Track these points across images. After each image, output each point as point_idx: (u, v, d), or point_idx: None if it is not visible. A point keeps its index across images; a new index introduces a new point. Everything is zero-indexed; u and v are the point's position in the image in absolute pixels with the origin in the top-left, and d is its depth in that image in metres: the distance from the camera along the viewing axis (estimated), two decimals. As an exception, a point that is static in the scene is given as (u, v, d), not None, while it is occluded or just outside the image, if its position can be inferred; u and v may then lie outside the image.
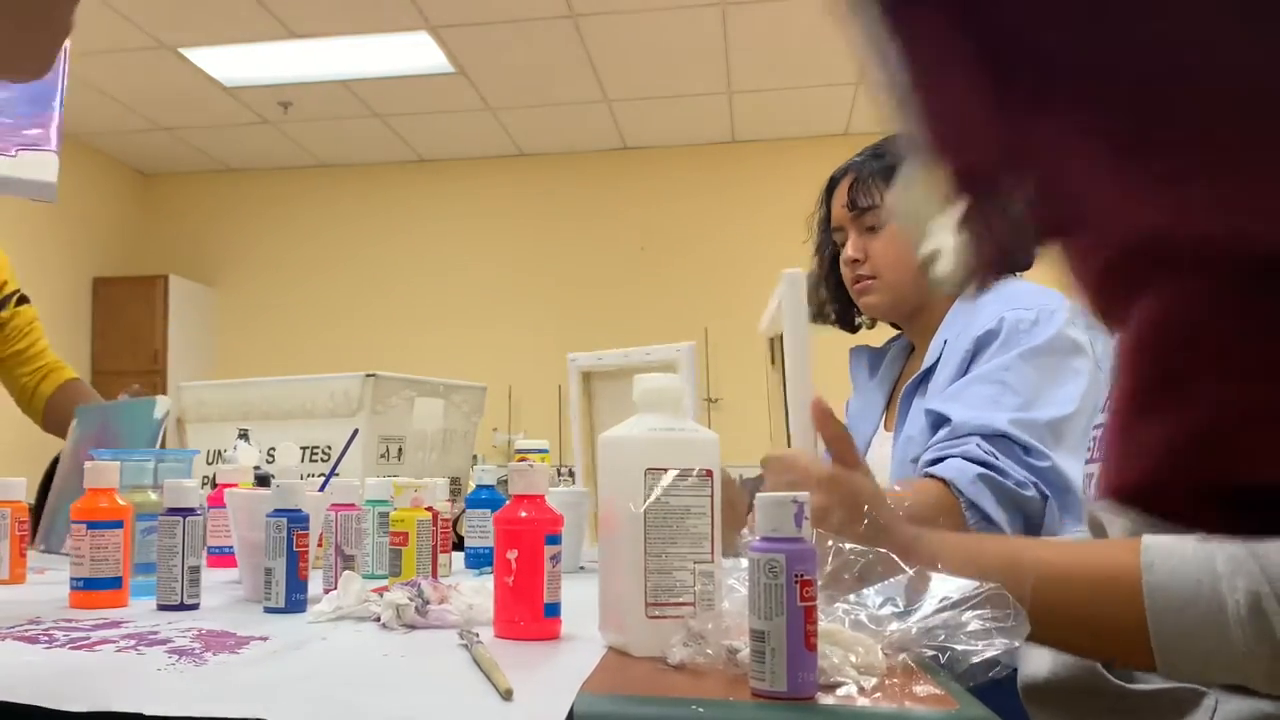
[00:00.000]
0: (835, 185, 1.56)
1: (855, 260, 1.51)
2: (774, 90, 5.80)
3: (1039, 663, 0.96)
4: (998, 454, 1.24)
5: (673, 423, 0.83)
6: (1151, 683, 0.87)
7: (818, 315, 1.65)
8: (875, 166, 1.49)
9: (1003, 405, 1.27)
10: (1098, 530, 1.01)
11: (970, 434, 1.26)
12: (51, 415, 2.03)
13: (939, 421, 1.31)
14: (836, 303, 1.61)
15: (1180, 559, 0.77)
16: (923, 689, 0.67)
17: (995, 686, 0.70)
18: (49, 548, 1.64)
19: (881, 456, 1.46)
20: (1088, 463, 1.03)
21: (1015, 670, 0.99)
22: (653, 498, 0.79)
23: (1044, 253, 1.41)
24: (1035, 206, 0.47)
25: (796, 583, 0.64)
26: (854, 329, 1.64)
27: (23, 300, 2.06)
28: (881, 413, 1.57)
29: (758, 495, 0.68)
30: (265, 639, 0.88)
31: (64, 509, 1.67)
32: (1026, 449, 1.25)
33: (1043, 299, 1.36)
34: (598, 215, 6.69)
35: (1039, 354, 1.30)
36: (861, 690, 0.67)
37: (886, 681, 0.68)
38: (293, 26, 4.93)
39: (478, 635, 0.84)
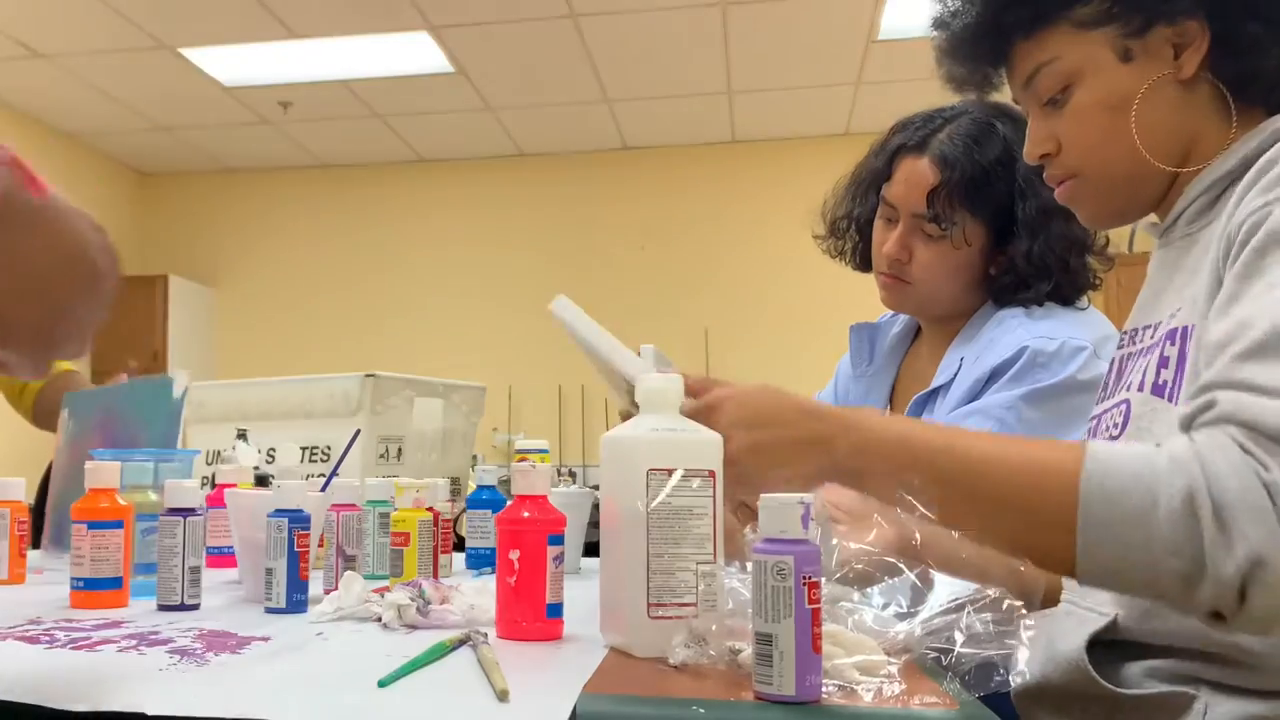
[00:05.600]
0: (905, 153, 1.38)
1: (896, 259, 1.39)
2: (774, 90, 5.80)
3: (1032, 666, 0.96)
4: None
5: (674, 423, 0.83)
6: (1144, 688, 0.87)
7: (830, 248, 1.54)
8: (966, 182, 1.33)
9: None
10: None
11: None
12: (41, 409, 1.98)
13: None
14: (857, 253, 1.50)
15: (1125, 457, 0.75)
16: (924, 690, 0.67)
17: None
18: (57, 548, 1.61)
19: None
20: None
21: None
22: (660, 498, 0.79)
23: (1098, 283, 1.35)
24: None
25: (804, 585, 0.64)
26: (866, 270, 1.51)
27: None
28: (885, 404, 1.50)
29: (763, 497, 0.67)
30: (266, 639, 0.88)
31: (68, 509, 1.64)
32: None
33: (1073, 330, 1.27)
34: (598, 215, 6.68)
35: (1047, 396, 1.23)
36: (864, 691, 0.67)
37: (888, 683, 0.68)
38: (293, 26, 4.93)
39: (484, 635, 0.84)
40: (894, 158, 1.41)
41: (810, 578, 0.64)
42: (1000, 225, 1.36)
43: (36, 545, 1.63)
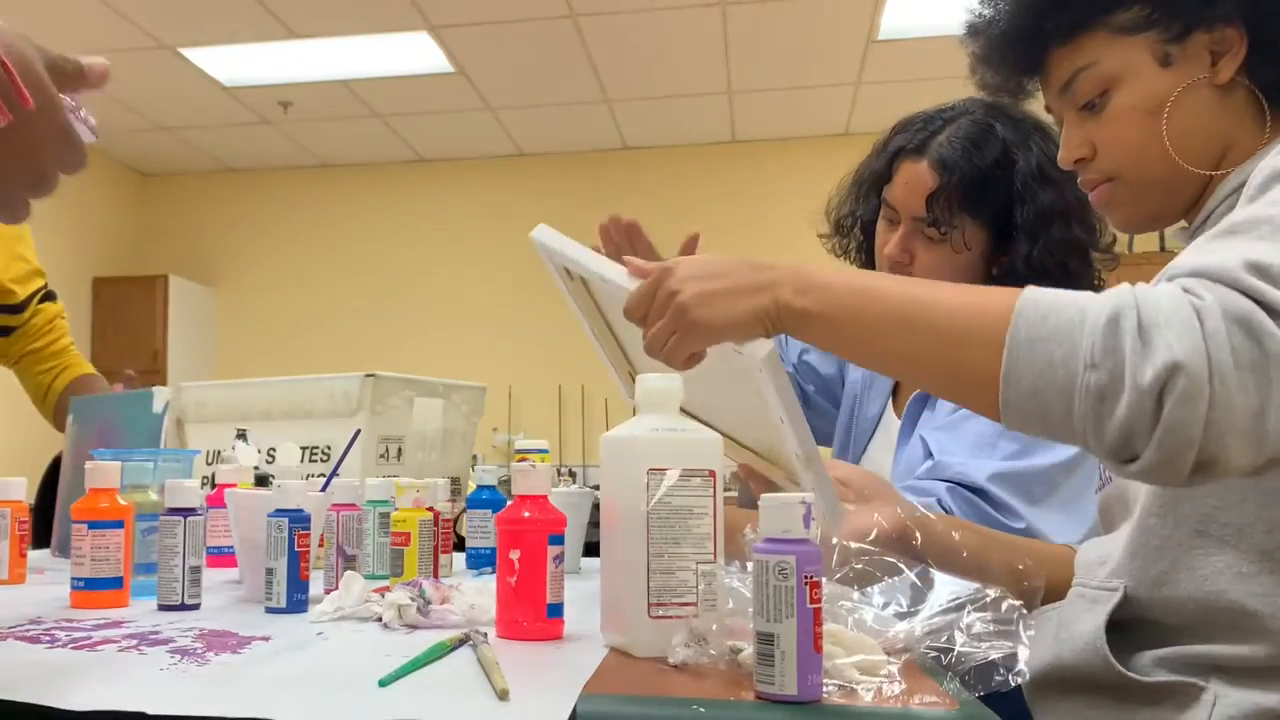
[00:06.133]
0: (905, 155, 1.38)
1: (898, 261, 1.38)
2: (774, 90, 5.80)
3: (1042, 652, 0.96)
4: (955, 511, 1.17)
5: (675, 423, 0.83)
6: (1154, 676, 0.87)
7: (836, 247, 1.54)
8: (965, 186, 1.33)
9: (996, 450, 1.21)
10: (1109, 515, 1.01)
11: (946, 480, 1.20)
12: (60, 412, 2.01)
13: (929, 452, 1.26)
14: (862, 252, 1.51)
15: (1066, 291, 0.75)
16: (925, 690, 0.67)
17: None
18: (65, 553, 1.62)
19: (888, 439, 1.43)
20: None
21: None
22: (657, 497, 0.79)
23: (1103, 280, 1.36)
24: None
25: (806, 584, 0.64)
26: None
27: (47, 298, 2.04)
28: (890, 389, 1.50)
29: (764, 496, 0.67)
30: (267, 639, 0.88)
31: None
32: (999, 506, 1.18)
33: None
34: (598, 215, 6.62)
35: None
36: (863, 691, 0.67)
37: (888, 683, 0.68)
38: (293, 26, 4.93)
39: (485, 635, 0.84)
40: (894, 160, 1.41)
41: (812, 577, 0.64)
42: (1000, 227, 1.36)
43: (37, 544, 1.63)
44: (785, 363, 1.63)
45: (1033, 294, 0.75)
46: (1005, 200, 1.35)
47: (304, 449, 1.69)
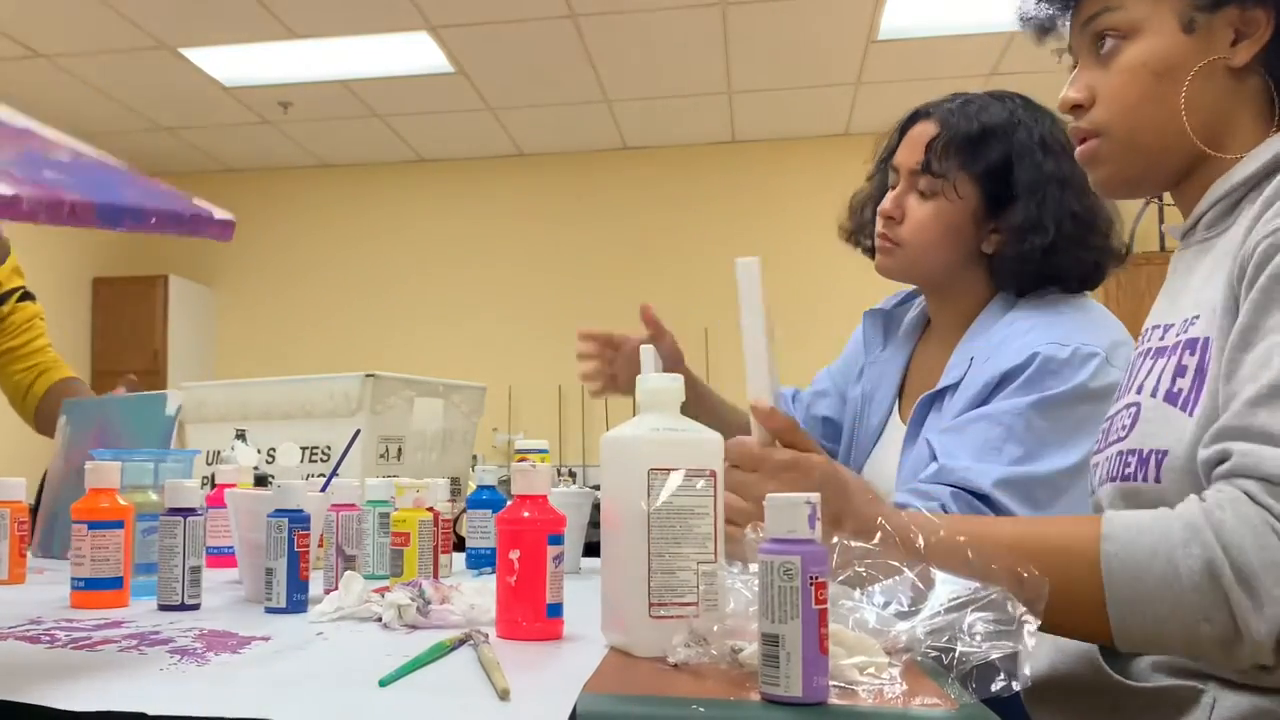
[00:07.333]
0: (916, 120, 1.42)
1: (889, 217, 1.40)
2: (774, 90, 5.80)
3: (1039, 659, 0.96)
4: None
5: (676, 423, 0.83)
6: (1152, 681, 0.87)
7: (851, 238, 1.55)
8: (963, 137, 1.36)
9: (1002, 455, 1.21)
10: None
11: (950, 484, 1.20)
12: (42, 415, 1.99)
13: (934, 455, 1.26)
14: (873, 235, 1.50)
15: (1138, 529, 0.79)
16: (926, 691, 0.67)
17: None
18: (46, 553, 1.62)
19: (893, 444, 1.43)
20: (1095, 452, 1.02)
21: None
22: (661, 498, 0.79)
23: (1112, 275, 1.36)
24: None
25: (812, 585, 0.64)
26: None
27: (26, 297, 2.04)
28: (895, 394, 1.50)
29: (769, 496, 0.67)
30: (267, 639, 0.88)
31: (60, 513, 1.64)
32: (1003, 514, 1.17)
33: (1085, 336, 1.25)
34: (598, 215, 6.68)
35: (1056, 404, 1.22)
36: (864, 692, 0.66)
37: (889, 683, 0.68)
38: (293, 26, 4.93)
39: (485, 635, 0.84)
40: (906, 129, 1.44)
41: (817, 578, 0.64)
42: (994, 191, 1.36)
43: (37, 545, 1.63)
44: (796, 415, 1.65)
45: (1113, 547, 0.79)
46: (1002, 160, 1.36)
47: (304, 449, 1.69)
